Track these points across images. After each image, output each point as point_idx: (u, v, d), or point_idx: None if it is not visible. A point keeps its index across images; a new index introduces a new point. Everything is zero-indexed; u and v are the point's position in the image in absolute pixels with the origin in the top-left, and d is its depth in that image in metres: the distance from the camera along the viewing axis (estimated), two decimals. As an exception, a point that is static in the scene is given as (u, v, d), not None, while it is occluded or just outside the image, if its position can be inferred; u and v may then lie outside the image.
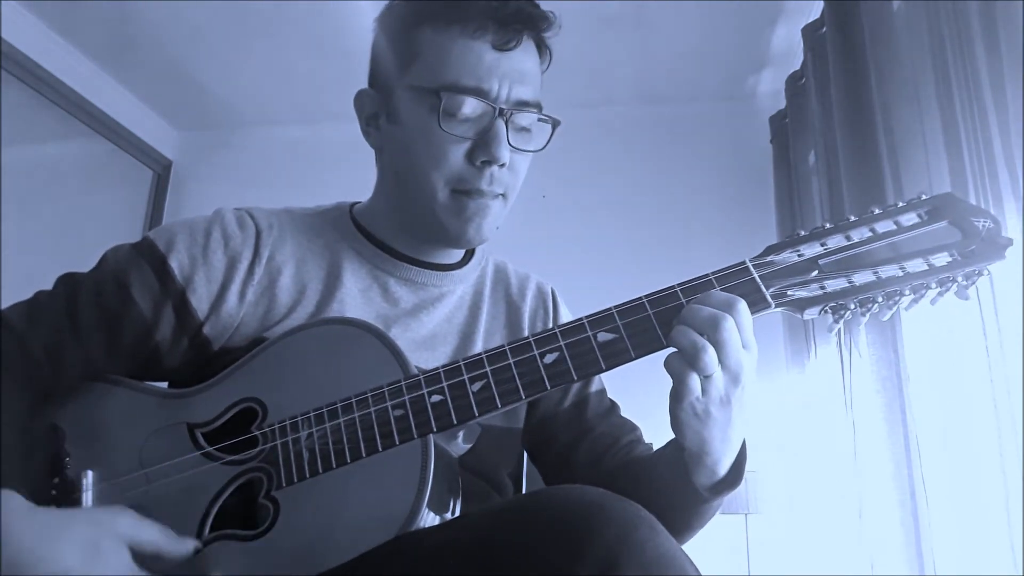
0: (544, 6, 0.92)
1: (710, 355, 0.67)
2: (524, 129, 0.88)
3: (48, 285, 0.85)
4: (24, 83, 2.69)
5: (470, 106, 0.82)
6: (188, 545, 0.67)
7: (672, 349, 0.71)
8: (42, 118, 2.85)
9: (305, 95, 2.98)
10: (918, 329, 1.72)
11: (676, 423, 0.72)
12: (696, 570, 0.57)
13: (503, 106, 0.83)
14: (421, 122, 0.83)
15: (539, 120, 0.89)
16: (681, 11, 2.60)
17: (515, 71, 0.84)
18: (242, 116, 3.35)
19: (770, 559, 2.48)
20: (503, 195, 0.88)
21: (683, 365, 0.69)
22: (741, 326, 0.69)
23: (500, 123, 0.83)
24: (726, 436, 0.74)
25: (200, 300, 0.82)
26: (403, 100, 0.86)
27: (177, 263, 0.83)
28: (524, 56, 0.86)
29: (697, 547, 0.69)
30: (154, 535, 0.66)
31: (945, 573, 1.56)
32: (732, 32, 2.72)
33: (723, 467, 0.76)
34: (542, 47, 0.91)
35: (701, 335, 0.68)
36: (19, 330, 0.79)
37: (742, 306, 0.69)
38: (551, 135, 0.92)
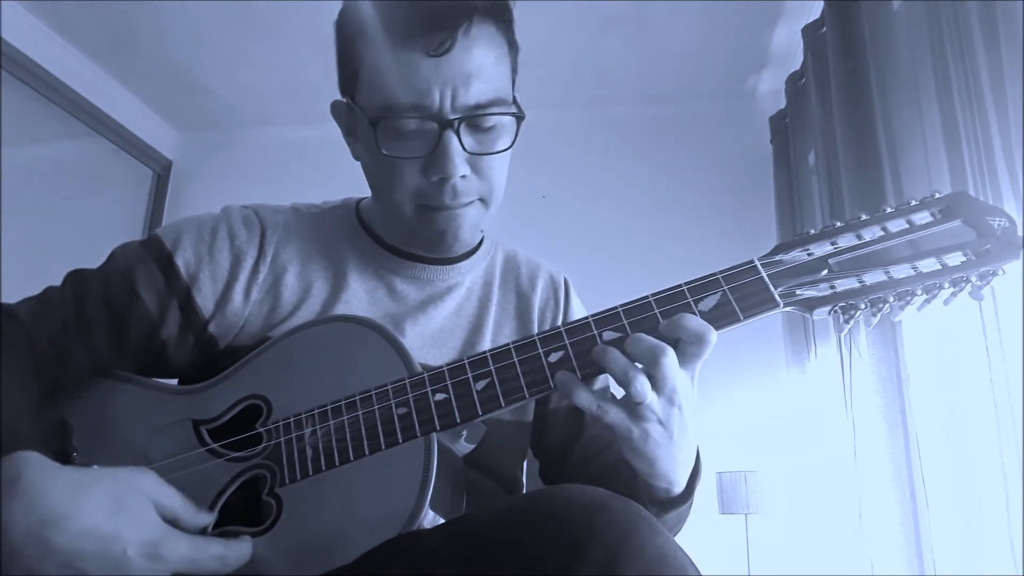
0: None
1: (643, 383, 0.65)
2: (488, 129, 0.79)
3: (48, 285, 0.85)
4: (24, 83, 2.69)
5: (414, 123, 0.76)
6: (203, 519, 0.68)
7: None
8: (42, 118, 2.85)
9: (305, 95, 2.98)
10: (918, 329, 1.72)
11: (622, 452, 0.71)
12: (696, 570, 0.57)
13: (450, 116, 0.75)
14: (370, 144, 0.79)
15: (504, 116, 0.80)
16: (681, 11, 2.60)
17: (458, 74, 0.75)
18: (242, 116, 3.35)
19: (770, 559, 2.48)
20: (479, 200, 0.83)
21: (583, 390, 0.66)
22: (702, 350, 0.67)
23: (449, 135, 0.76)
24: (671, 456, 0.70)
25: (205, 298, 0.82)
26: (358, 117, 0.82)
27: (183, 261, 0.83)
28: (466, 54, 0.75)
29: (697, 547, 0.68)
30: (175, 499, 0.66)
31: (945, 573, 1.56)
32: (732, 32, 2.73)
33: (678, 485, 0.74)
34: (499, 28, 0.79)
35: (635, 363, 0.65)
36: (27, 324, 0.79)
37: (712, 337, 0.67)
38: (516, 131, 0.81)
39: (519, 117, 0.81)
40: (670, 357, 0.65)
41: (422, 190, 0.80)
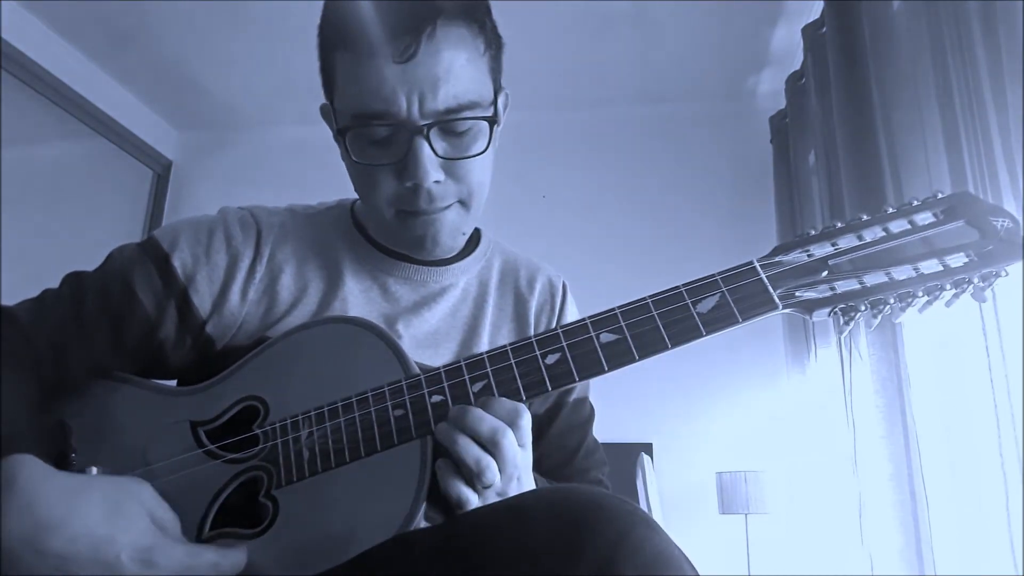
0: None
1: (493, 470, 0.66)
2: (463, 133, 0.78)
3: (48, 285, 0.86)
4: (24, 83, 2.69)
5: (385, 130, 0.76)
6: (184, 543, 0.68)
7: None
8: (42, 118, 2.86)
9: (304, 95, 2.96)
10: (918, 330, 1.72)
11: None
12: (694, 570, 0.57)
13: (419, 122, 0.75)
14: (344, 150, 0.80)
15: (474, 120, 0.78)
16: (681, 11, 2.60)
17: (425, 80, 0.74)
18: (242, 116, 3.35)
19: (770, 559, 2.48)
20: (459, 202, 0.82)
21: (459, 480, 0.67)
22: (522, 432, 0.68)
23: (419, 142, 0.75)
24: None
25: (202, 299, 0.82)
26: (337, 123, 0.82)
27: (180, 261, 0.83)
28: (433, 59, 0.74)
29: (697, 547, 0.68)
30: (167, 514, 0.66)
31: (945, 573, 1.56)
32: (732, 32, 2.73)
33: None
34: (472, 27, 0.78)
35: (482, 447, 0.66)
36: (26, 326, 0.79)
37: (524, 420, 0.68)
38: (490, 136, 0.80)
39: (491, 121, 0.80)
40: (510, 438, 0.66)
41: (398, 195, 0.79)
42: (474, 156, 0.79)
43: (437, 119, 0.76)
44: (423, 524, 0.67)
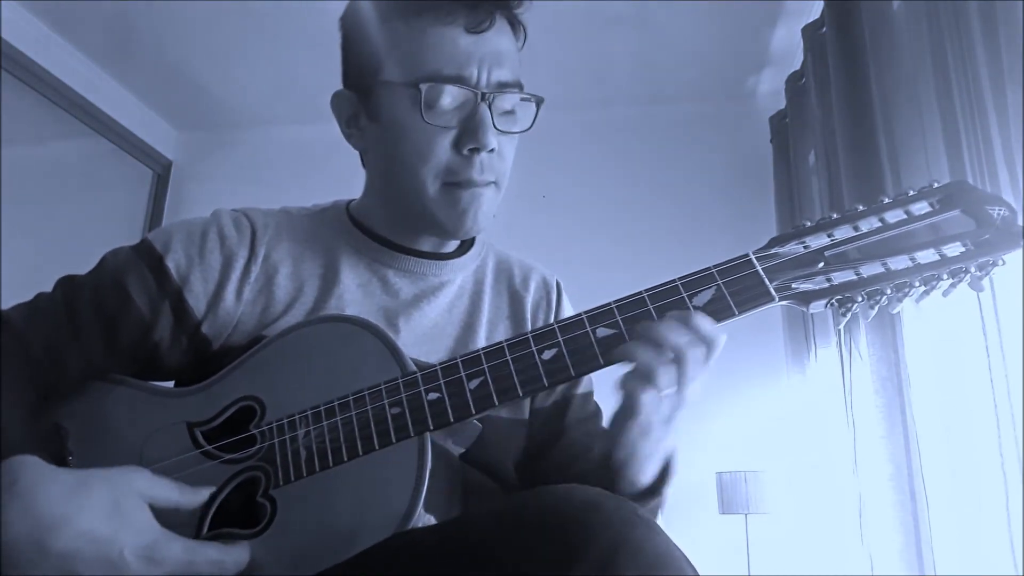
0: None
1: (671, 372, 0.67)
2: (508, 112, 0.85)
3: (49, 285, 0.85)
4: (24, 83, 2.69)
5: (451, 95, 0.80)
6: (203, 494, 0.69)
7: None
8: (42, 118, 2.85)
9: (304, 95, 2.97)
10: (918, 329, 1.72)
11: (615, 437, 0.72)
12: (694, 570, 0.57)
13: (485, 90, 0.81)
14: (403, 117, 0.82)
15: (522, 100, 0.86)
16: (681, 11, 2.60)
17: (492, 53, 0.81)
18: (241, 116, 3.35)
19: (770, 559, 2.48)
20: (494, 183, 0.86)
21: (640, 381, 0.67)
22: (713, 354, 0.69)
23: (484, 108, 0.81)
24: (654, 451, 0.73)
25: (197, 299, 0.82)
26: (382, 97, 0.84)
27: (174, 263, 0.83)
28: (499, 36, 0.83)
29: (697, 547, 0.68)
30: (169, 491, 0.67)
31: (945, 573, 1.56)
32: (732, 32, 2.72)
33: (645, 478, 0.75)
34: (516, 24, 0.86)
35: (665, 349, 0.67)
36: (20, 331, 0.79)
37: (722, 341, 0.69)
38: (536, 113, 0.87)
39: (540, 100, 0.86)
40: (702, 351, 0.68)
41: (450, 165, 0.82)
42: (521, 132, 0.86)
43: (499, 91, 0.82)
44: (421, 523, 0.67)
